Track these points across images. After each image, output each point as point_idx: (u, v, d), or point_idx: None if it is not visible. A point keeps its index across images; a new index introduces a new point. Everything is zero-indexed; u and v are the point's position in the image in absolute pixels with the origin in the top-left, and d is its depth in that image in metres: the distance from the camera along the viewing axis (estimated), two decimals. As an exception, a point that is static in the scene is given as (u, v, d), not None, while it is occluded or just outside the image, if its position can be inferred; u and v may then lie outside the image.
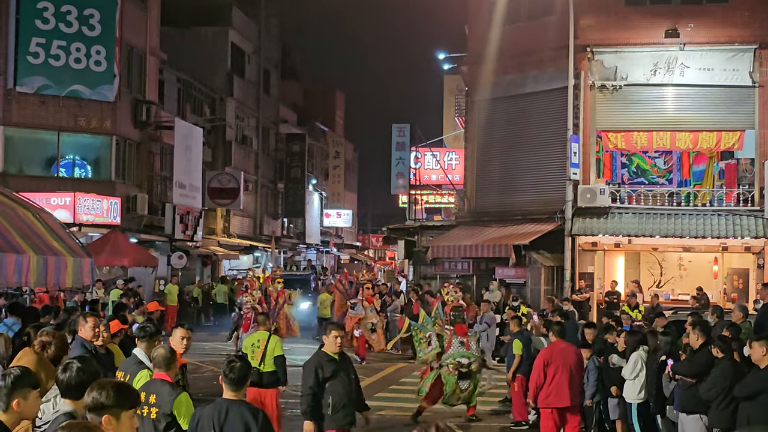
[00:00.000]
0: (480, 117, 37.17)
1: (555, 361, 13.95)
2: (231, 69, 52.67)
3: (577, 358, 14.05)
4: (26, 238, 10.89)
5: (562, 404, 13.89)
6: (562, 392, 13.83)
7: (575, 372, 13.94)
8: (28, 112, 35.36)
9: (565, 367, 13.86)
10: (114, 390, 5.58)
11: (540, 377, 14.03)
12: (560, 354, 14.02)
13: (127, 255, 33.53)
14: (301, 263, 66.15)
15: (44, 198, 29.94)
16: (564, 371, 13.83)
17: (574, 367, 13.96)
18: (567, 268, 31.64)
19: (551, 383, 13.89)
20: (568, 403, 13.89)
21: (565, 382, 13.82)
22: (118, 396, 5.56)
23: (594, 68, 32.53)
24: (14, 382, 6.15)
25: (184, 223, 41.57)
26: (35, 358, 8.83)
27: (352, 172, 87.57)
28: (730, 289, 32.04)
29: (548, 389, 13.92)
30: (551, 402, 13.96)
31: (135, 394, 5.76)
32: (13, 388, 6.15)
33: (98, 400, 5.53)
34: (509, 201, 35.14)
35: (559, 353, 14.03)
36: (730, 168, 33.11)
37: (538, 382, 14.08)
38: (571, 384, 13.87)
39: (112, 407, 5.50)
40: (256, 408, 7.79)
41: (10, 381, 6.16)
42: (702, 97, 32.38)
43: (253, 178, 56.38)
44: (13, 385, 6.15)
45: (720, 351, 12.18)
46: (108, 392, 5.56)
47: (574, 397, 13.95)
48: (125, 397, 5.59)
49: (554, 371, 13.88)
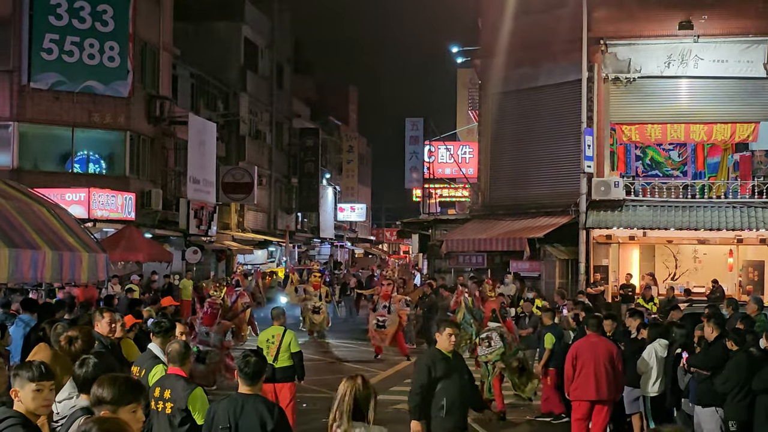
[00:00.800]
0: (493, 110, 37.11)
1: (584, 354, 13.90)
2: (244, 64, 52.72)
3: (607, 352, 13.86)
4: (41, 233, 10.91)
5: (589, 397, 13.83)
6: (588, 385, 13.77)
7: (606, 365, 13.76)
8: (42, 108, 35.44)
9: (594, 361, 13.74)
10: (112, 386, 5.61)
11: (569, 370, 14.07)
12: (590, 347, 13.93)
13: (142, 250, 33.58)
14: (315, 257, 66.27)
15: (59, 194, 29.98)
16: (592, 364, 13.74)
17: (606, 361, 13.77)
18: (582, 261, 31.60)
19: (579, 376, 13.89)
20: (594, 397, 13.78)
21: (592, 376, 13.73)
22: (116, 392, 5.58)
23: (607, 61, 32.45)
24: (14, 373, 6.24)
25: (199, 218, 41.63)
26: (51, 353, 8.87)
27: (365, 167, 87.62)
28: (745, 282, 31.96)
29: (576, 382, 13.93)
30: (579, 395, 13.97)
31: (135, 390, 5.75)
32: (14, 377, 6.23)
33: (97, 396, 5.58)
34: (523, 194, 35.08)
35: (590, 347, 13.95)
36: (744, 160, 33.02)
37: (569, 374, 14.12)
38: (599, 377, 13.73)
39: (110, 403, 5.54)
40: (272, 402, 7.80)
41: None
42: (716, 89, 32.28)
43: (267, 173, 56.42)
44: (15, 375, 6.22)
45: (734, 344, 12.16)
46: (106, 388, 5.59)
47: (603, 390, 13.77)
48: (123, 392, 5.61)
49: (582, 365, 13.85)
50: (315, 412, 17.60)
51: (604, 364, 13.77)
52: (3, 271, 9.92)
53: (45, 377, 6.17)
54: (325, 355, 28.15)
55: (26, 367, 6.26)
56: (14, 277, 10.36)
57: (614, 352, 13.96)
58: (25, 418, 6.02)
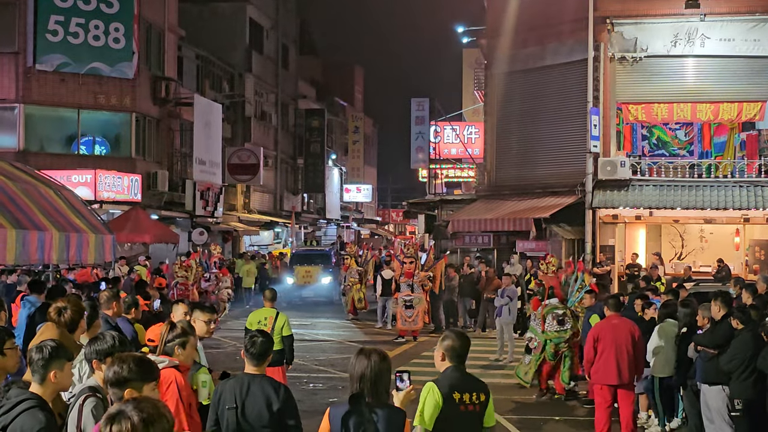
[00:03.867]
0: (499, 90, 37.07)
1: (605, 336, 13.62)
2: (249, 45, 52.65)
3: (630, 334, 13.56)
4: (48, 215, 10.95)
5: (610, 381, 13.52)
6: (609, 369, 13.48)
7: (628, 348, 13.48)
8: (47, 90, 35.46)
9: (616, 344, 13.48)
10: (135, 363, 5.61)
11: (590, 352, 13.82)
12: (611, 330, 13.67)
13: (148, 231, 33.64)
14: (321, 238, 66.33)
15: (65, 176, 30.02)
16: (613, 347, 13.47)
17: (628, 344, 13.50)
18: (588, 241, 31.58)
19: (600, 359, 13.62)
20: (615, 381, 13.47)
21: (613, 359, 13.45)
22: (140, 369, 5.58)
23: (614, 40, 32.35)
24: (51, 353, 6.24)
25: (205, 200, 41.68)
26: (57, 332, 8.89)
27: (371, 147, 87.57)
28: (752, 261, 31.94)
29: (597, 365, 13.67)
30: (600, 378, 13.68)
31: (155, 368, 5.78)
32: (50, 359, 6.23)
33: (120, 374, 5.55)
34: (529, 174, 35.06)
35: (611, 329, 13.68)
36: (751, 139, 32.93)
37: (589, 356, 13.89)
38: (621, 361, 13.45)
39: (134, 380, 5.51)
40: (278, 382, 7.79)
41: (47, 353, 6.23)
42: (723, 68, 32.19)
43: (273, 154, 56.44)
44: (51, 356, 6.23)
45: (740, 322, 12.16)
46: (129, 366, 5.58)
47: (624, 374, 13.48)
48: (146, 369, 5.61)
49: (603, 347, 13.58)
50: (322, 392, 17.68)
51: (626, 347, 13.50)
52: (10, 252, 9.96)
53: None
54: (331, 335, 28.21)
55: (63, 349, 6.33)
56: (21, 258, 10.40)
57: (636, 334, 13.67)
58: (42, 400, 6.05)
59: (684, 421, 14.37)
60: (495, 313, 24.24)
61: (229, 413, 7.44)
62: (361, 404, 6.51)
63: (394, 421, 6.52)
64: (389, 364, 6.73)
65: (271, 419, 7.40)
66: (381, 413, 6.50)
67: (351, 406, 6.51)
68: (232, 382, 7.67)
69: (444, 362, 7.41)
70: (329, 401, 15.08)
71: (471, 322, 29.92)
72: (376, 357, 6.65)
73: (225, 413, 7.47)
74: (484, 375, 20.15)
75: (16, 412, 5.88)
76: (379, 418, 6.47)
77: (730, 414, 12.24)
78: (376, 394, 6.55)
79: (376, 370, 6.58)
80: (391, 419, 6.51)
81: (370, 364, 6.59)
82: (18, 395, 6.03)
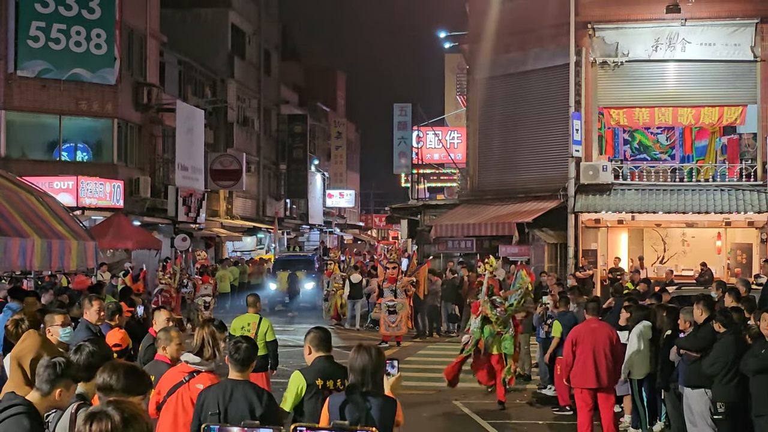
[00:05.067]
0: (481, 95, 37.14)
1: (584, 340, 13.70)
2: (231, 50, 52.59)
3: (607, 338, 13.68)
4: (30, 221, 10.89)
5: (589, 385, 13.61)
6: (587, 373, 13.57)
7: (606, 352, 13.58)
8: (29, 96, 35.34)
9: (594, 347, 13.56)
10: (125, 374, 5.59)
11: (569, 356, 13.89)
12: (590, 333, 13.75)
13: (131, 238, 33.54)
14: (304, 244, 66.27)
15: (47, 182, 29.91)
16: (591, 352, 13.55)
17: (606, 347, 13.59)
18: (570, 245, 31.65)
19: (578, 363, 13.69)
20: (594, 385, 13.57)
21: (591, 363, 13.53)
22: (128, 380, 5.56)
23: (595, 45, 32.45)
24: (64, 370, 6.14)
25: (187, 206, 41.58)
26: (39, 339, 8.86)
27: (354, 152, 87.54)
28: (733, 264, 32.07)
29: (575, 369, 13.74)
30: (578, 382, 13.77)
31: (146, 381, 5.76)
32: (62, 375, 6.15)
33: (108, 382, 5.54)
34: (512, 179, 35.13)
35: (589, 333, 13.76)
36: (732, 143, 33.10)
37: (568, 360, 13.96)
38: (599, 365, 13.54)
39: (121, 391, 5.50)
40: (261, 388, 7.82)
41: (60, 369, 6.14)
42: (704, 72, 32.30)
43: (255, 160, 56.36)
44: (62, 374, 6.14)
45: (722, 325, 12.20)
46: (119, 376, 5.56)
47: (603, 377, 13.58)
48: (134, 382, 5.59)
49: (581, 351, 13.65)
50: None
51: (604, 351, 13.59)
52: (-8, 259, 9.91)
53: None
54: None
55: (73, 369, 6.25)
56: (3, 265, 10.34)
57: (614, 338, 13.79)
58: (32, 407, 5.98)
59: (667, 424, 14.41)
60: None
61: (212, 419, 7.45)
62: (357, 394, 7.07)
63: (386, 409, 7.10)
64: (384, 359, 7.33)
65: (254, 425, 7.40)
66: (375, 402, 7.07)
67: (348, 396, 7.11)
68: (215, 388, 7.69)
69: (311, 354, 8.24)
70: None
71: (453, 327, 29.93)
72: (372, 351, 7.21)
73: (208, 419, 7.47)
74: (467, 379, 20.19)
75: (3, 416, 5.85)
76: (372, 406, 7.05)
77: (713, 417, 12.28)
78: (372, 385, 7.10)
79: (372, 363, 7.12)
80: (384, 407, 7.09)
81: (367, 358, 7.14)
82: (9, 399, 6.00)
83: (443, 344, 27.49)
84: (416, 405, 16.86)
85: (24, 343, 8.89)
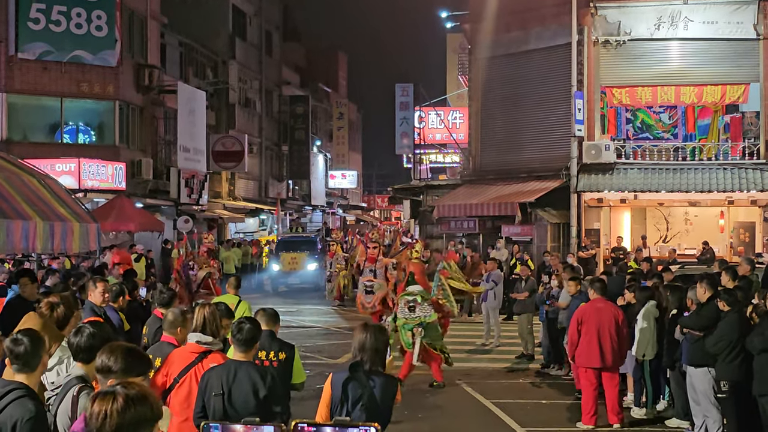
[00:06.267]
0: (483, 75, 37.05)
1: (589, 320, 13.76)
2: (233, 31, 52.47)
3: (613, 317, 13.73)
4: (32, 204, 10.89)
5: (593, 365, 13.69)
6: (592, 352, 13.65)
7: (611, 331, 13.65)
8: (30, 79, 35.28)
9: (599, 327, 13.62)
10: (123, 355, 5.58)
11: (574, 335, 13.96)
12: (595, 313, 13.81)
13: (133, 220, 33.55)
14: (306, 225, 66.26)
15: (49, 164, 29.91)
16: (596, 331, 13.62)
17: (611, 327, 13.66)
18: (573, 225, 31.64)
19: (583, 342, 13.76)
20: (598, 364, 13.66)
21: (596, 343, 13.61)
22: (127, 362, 5.56)
23: (597, 23, 32.34)
24: (32, 344, 6.19)
25: (190, 187, 41.57)
26: (40, 321, 8.84)
27: (356, 133, 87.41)
28: (736, 243, 32.06)
29: (581, 348, 13.81)
30: (583, 362, 13.84)
31: (145, 361, 5.75)
32: (35, 349, 6.22)
33: (106, 364, 5.54)
34: (514, 159, 35.07)
35: (595, 312, 13.82)
36: (735, 121, 33.04)
37: (573, 339, 14.01)
38: (604, 345, 13.62)
39: (119, 372, 5.50)
40: (265, 369, 7.83)
41: (28, 343, 6.20)
42: (706, 50, 32.21)
43: (257, 141, 56.30)
44: (34, 347, 6.20)
45: (726, 304, 12.18)
46: (117, 357, 5.56)
47: (608, 357, 13.66)
48: (134, 363, 5.58)
49: (586, 330, 13.71)
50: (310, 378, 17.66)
51: (609, 331, 13.65)
52: (-6, 241, 9.91)
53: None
54: (317, 321, 28.21)
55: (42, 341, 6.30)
56: (6, 247, 10.35)
57: (620, 318, 13.83)
58: (30, 389, 5.99)
59: (670, 403, 14.43)
60: (481, 298, 24.26)
61: (216, 400, 7.45)
62: (360, 372, 7.15)
63: (388, 387, 7.18)
64: (387, 338, 7.50)
65: (257, 406, 7.40)
66: (377, 380, 7.14)
67: (351, 373, 7.15)
68: (219, 369, 7.69)
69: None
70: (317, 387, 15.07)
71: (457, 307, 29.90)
72: (376, 330, 7.36)
73: (212, 400, 7.47)
74: (470, 359, 20.26)
75: (6, 402, 5.83)
76: (375, 384, 7.11)
77: (716, 396, 12.29)
78: (374, 363, 7.20)
79: (376, 342, 7.24)
80: (386, 386, 7.17)
81: (371, 337, 7.26)
82: (4, 385, 5.98)
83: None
84: (419, 385, 16.89)
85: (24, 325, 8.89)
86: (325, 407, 7.17)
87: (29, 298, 12.43)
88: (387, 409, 7.09)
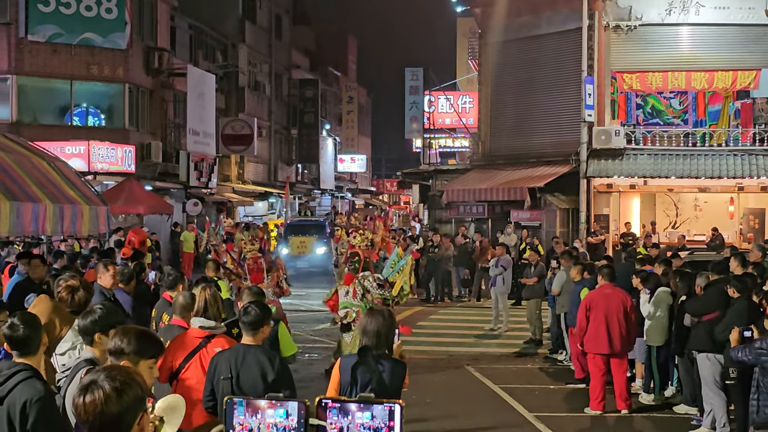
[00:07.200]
0: (493, 59, 36.95)
1: (597, 306, 13.77)
2: (242, 15, 52.39)
3: (622, 304, 13.73)
4: (42, 186, 10.89)
5: (602, 351, 13.70)
6: (600, 338, 13.65)
7: (620, 318, 13.64)
8: (40, 61, 35.31)
9: (607, 313, 13.62)
10: (136, 338, 5.60)
11: (582, 321, 13.95)
12: (604, 299, 13.81)
13: (143, 203, 33.60)
14: (315, 209, 66.28)
15: (58, 147, 29.88)
16: (604, 317, 13.62)
17: (619, 313, 13.65)
18: (582, 210, 31.59)
19: (591, 328, 13.77)
20: (607, 350, 13.66)
21: (604, 329, 13.60)
22: (139, 344, 5.57)
23: (608, 8, 32.23)
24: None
25: (199, 170, 41.60)
26: (51, 304, 8.84)
27: (365, 117, 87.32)
28: (746, 229, 32.00)
29: (589, 334, 13.82)
30: (592, 348, 13.85)
31: (158, 345, 5.76)
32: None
33: (119, 346, 5.56)
34: (524, 144, 35.00)
35: (603, 298, 13.82)
36: (745, 107, 32.92)
37: (581, 325, 14.02)
38: (612, 330, 13.61)
39: (131, 354, 5.51)
40: (274, 353, 7.82)
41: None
42: (717, 36, 32.09)
43: (267, 125, 56.29)
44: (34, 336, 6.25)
45: (736, 291, 12.15)
46: (129, 339, 5.57)
47: (616, 343, 13.66)
48: (146, 345, 5.59)
49: (595, 316, 13.71)
50: (318, 362, 17.70)
51: (617, 317, 13.65)
52: (4, 224, 9.91)
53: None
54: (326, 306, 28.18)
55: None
56: (15, 230, 10.35)
57: (628, 304, 13.82)
58: (35, 370, 6.01)
59: (679, 389, 14.41)
60: (489, 283, 24.25)
61: (224, 383, 7.46)
62: (369, 356, 7.17)
63: (396, 372, 7.22)
64: (395, 322, 7.56)
65: (266, 389, 7.38)
66: (386, 365, 7.19)
67: (360, 358, 7.20)
68: (227, 353, 7.69)
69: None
70: (325, 371, 15.10)
71: (465, 291, 29.98)
72: (384, 315, 7.42)
73: (220, 383, 7.48)
74: (479, 344, 20.26)
75: (13, 383, 5.84)
76: (384, 368, 7.16)
77: (725, 382, 12.26)
78: (383, 348, 7.26)
79: (385, 326, 7.29)
80: (395, 370, 7.21)
81: (380, 321, 7.30)
82: (10, 367, 5.99)
83: (455, 309, 27.55)
84: (428, 369, 16.91)
85: (35, 309, 8.89)
86: (334, 392, 7.17)
87: (38, 280, 12.45)
88: (396, 393, 7.06)
